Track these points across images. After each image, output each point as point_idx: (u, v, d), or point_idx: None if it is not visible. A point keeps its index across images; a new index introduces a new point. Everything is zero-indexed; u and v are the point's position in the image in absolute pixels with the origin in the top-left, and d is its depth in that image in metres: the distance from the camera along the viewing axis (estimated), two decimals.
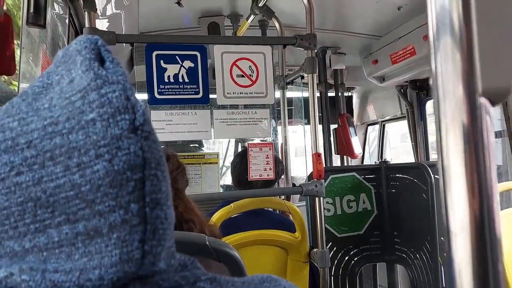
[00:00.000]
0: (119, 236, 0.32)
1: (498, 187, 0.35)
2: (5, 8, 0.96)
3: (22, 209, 0.33)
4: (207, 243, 0.90)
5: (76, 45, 0.36)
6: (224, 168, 3.78)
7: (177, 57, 1.79)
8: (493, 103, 0.32)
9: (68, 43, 1.81)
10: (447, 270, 0.32)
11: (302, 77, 2.08)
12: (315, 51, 1.84)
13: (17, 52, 1.04)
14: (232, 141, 3.79)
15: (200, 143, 3.54)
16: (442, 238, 1.91)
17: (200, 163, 2.25)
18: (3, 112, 0.35)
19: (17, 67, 1.00)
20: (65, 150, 0.32)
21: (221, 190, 2.68)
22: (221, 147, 3.99)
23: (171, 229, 0.36)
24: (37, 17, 1.11)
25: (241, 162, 1.88)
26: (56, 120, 0.33)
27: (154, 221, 0.33)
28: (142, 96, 2.12)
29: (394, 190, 2.11)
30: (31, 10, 1.09)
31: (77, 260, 0.32)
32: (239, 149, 3.53)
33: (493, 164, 0.31)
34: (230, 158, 3.83)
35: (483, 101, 0.31)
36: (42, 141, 0.33)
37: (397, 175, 2.09)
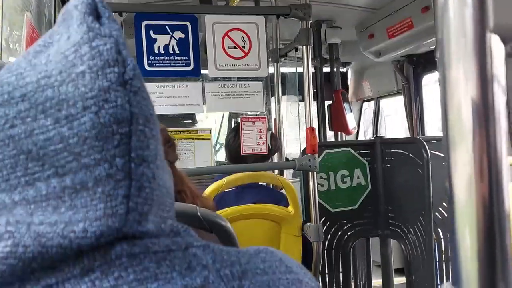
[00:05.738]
0: (103, 191, 0.33)
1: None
2: None
3: (14, 161, 0.33)
4: (198, 213, 0.88)
5: (74, 1, 0.36)
6: (218, 146, 3.74)
7: (167, 27, 1.74)
8: (504, 41, 0.28)
9: (54, 11, 1.75)
10: (451, 249, 0.30)
11: (297, 50, 2.03)
12: (310, 22, 1.79)
13: None
14: (226, 117, 3.75)
15: (193, 119, 3.50)
16: (436, 213, 1.91)
17: (193, 139, 2.21)
18: (5, 69, 0.36)
19: None
20: (55, 102, 0.33)
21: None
22: (216, 124, 3.95)
23: (161, 191, 0.36)
24: None
25: (235, 137, 1.86)
26: (50, 74, 0.33)
27: (140, 178, 0.33)
28: None
29: (389, 165, 2.09)
30: None
31: (63, 213, 0.33)
32: (233, 125, 3.49)
33: (503, 132, 0.28)
34: (223, 135, 3.80)
35: (494, 37, 0.27)
36: (35, 94, 0.33)
37: (392, 150, 2.07)
